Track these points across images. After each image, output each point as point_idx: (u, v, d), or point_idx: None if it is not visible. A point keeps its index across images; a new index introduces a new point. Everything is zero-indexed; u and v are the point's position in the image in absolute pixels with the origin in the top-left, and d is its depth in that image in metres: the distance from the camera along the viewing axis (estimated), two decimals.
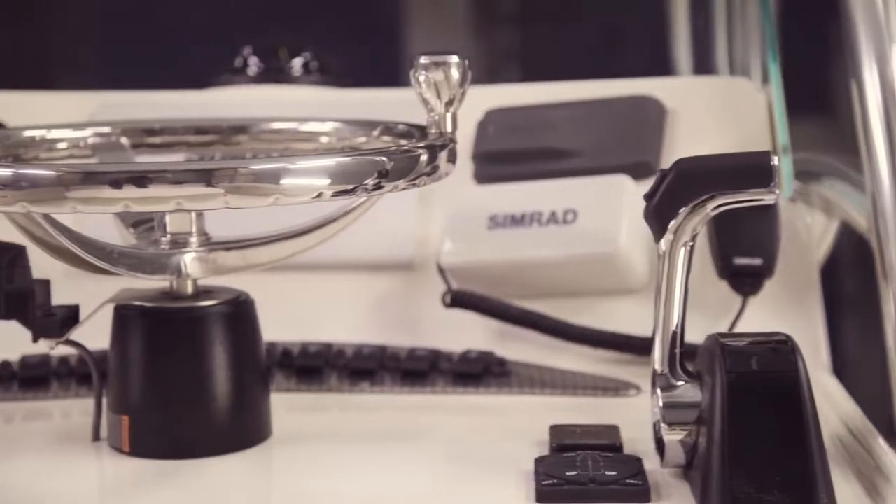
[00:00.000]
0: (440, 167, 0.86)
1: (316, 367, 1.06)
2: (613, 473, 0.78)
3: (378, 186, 0.82)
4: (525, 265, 1.10)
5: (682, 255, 0.81)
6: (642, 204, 1.09)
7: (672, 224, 0.80)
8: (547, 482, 0.77)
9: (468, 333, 1.12)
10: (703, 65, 1.50)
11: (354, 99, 1.32)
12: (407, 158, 0.84)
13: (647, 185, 1.12)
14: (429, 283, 1.17)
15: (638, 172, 1.12)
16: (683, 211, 0.80)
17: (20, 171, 0.80)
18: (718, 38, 1.48)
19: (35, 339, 0.90)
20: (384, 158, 0.82)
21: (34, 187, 0.79)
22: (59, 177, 0.78)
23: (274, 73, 1.38)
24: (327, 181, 0.81)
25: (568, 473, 0.77)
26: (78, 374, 1.05)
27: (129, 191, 0.78)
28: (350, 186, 0.81)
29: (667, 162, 1.16)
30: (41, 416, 1.01)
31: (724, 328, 1.08)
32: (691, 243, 0.81)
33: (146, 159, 1.02)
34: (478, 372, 1.05)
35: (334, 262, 1.15)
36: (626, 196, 1.08)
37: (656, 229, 0.81)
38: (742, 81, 1.33)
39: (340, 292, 1.17)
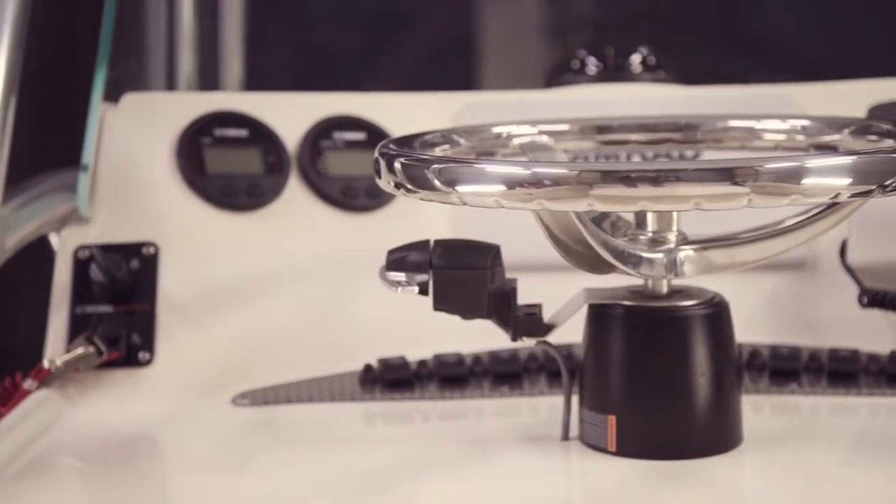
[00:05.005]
0: None
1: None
2: None
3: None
4: None
5: None
6: None
7: None
8: None
9: (867, 332, 1.10)
10: None
11: (698, 96, 1.30)
12: None
13: None
14: (821, 282, 1.16)
15: None
16: None
17: (539, 170, 0.80)
18: None
19: (515, 339, 0.90)
20: None
21: (556, 185, 0.79)
22: (578, 175, 0.78)
23: (614, 72, 1.37)
24: (849, 181, 0.79)
25: None
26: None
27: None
28: (872, 187, 0.79)
29: None
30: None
31: None
32: None
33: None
34: None
35: None
36: None
37: None
38: None
39: (730, 291, 1.16)
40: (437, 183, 0.82)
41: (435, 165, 0.82)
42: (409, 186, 0.83)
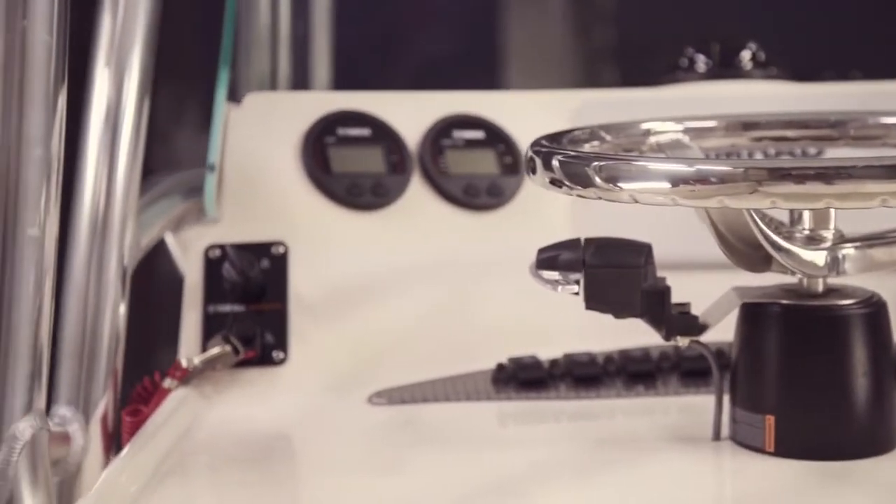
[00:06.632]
0: None
1: None
2: None
3: None
4: None
5: None
6: None
7: None
8: None
9: None
10: None
11: (813, 93, 1.28)
12: None
13: None
14: None
15: None
16: None
17: (703, 167, 0.79)
18: None
19: (668, 338, 0.89)
20: None
21: (723, 182, 0.78)
22: (745, 172, 0.78)
23: (724, 69, 1.36)
24: None
25: None
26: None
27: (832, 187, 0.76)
28: None
29: None
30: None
31: None
32: None
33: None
34: None
35: None
36: None
37: None
38: None
39: None
40: (597, 180, 0.81)
41: (596, 163, 0.81)
42: (568, 183, 0.83)
